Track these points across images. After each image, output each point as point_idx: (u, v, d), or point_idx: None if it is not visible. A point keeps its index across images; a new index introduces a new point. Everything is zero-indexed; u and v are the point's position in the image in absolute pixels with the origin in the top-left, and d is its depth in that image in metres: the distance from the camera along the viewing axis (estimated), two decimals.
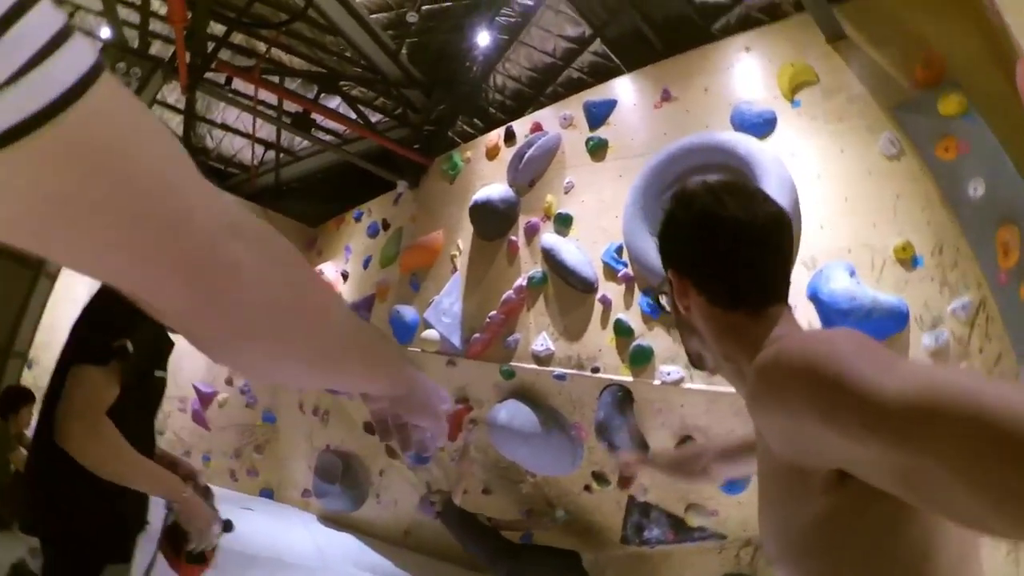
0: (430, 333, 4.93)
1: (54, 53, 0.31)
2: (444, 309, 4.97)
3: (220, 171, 8.25)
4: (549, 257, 4.39)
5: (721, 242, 1.04)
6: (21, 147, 0.31)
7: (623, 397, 3.96)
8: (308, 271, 0.60)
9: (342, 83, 6.26)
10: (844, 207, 3.56)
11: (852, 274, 3.56)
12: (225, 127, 7.84)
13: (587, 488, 4.55)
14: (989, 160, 3.13)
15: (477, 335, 4.68)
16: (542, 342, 4.35)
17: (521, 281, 4.56)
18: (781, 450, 0.86)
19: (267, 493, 8.39)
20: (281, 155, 7.76)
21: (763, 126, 3.88)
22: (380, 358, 0.74)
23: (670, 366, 3.88)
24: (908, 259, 3.37)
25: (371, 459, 6.60)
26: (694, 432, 3.92)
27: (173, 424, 7.70)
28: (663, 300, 1.18)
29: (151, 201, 0.39)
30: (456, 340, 4.84)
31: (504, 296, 4.58)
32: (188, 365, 7.24)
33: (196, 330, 0.49)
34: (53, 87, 0.32)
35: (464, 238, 5.11)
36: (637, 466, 1.88)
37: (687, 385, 3.82)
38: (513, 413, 4.37)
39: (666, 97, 4.32)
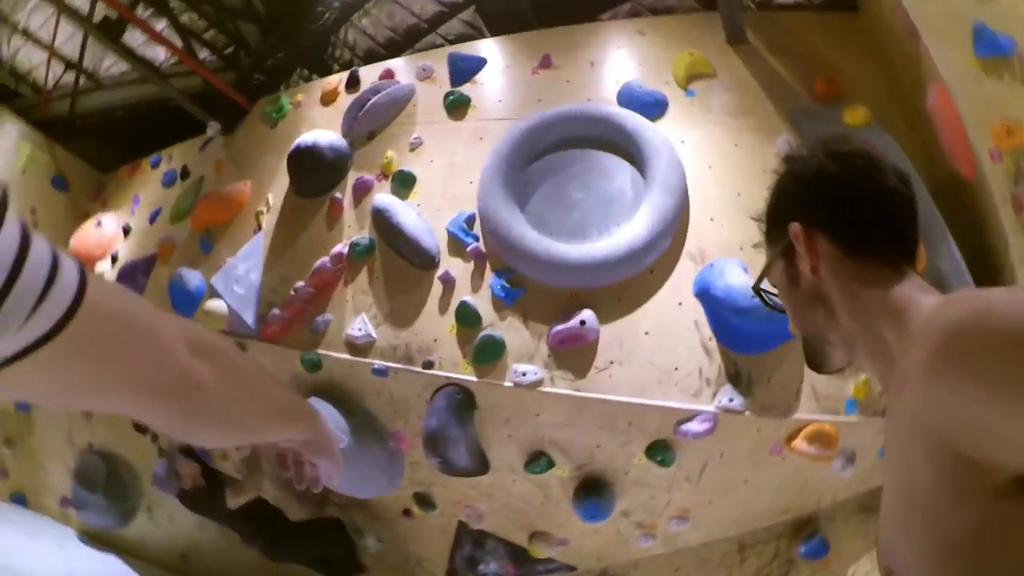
0: (216, 305, 3.61)
1: (51, 288, 0.45)
2: (238, 276, 3.68)
3: (6, 90, 6.34)
4: (381, 220, 3.29)
5: (876, 189, 0.98)
6: (40, 355, 0.46)
7: (462, 401, 2.94)
8: (249, 364, 0.81)
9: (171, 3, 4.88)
10: (737, 202, 3.10)
11: (745, 272, 2.93)
12: (25, 33, 6.00)
13: (407, 513, 3.49)
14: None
15: (276, 311, 3.45)
16: (360, 326, 3.22)
17: (341, 248, 3.40)
18: (958, 436, 0.66)
19: (19, 499, 6.60)
20: (82, 79, 6.11)
21: (653, 107, 3.31)
22: (300, 417, 0.94)
23: (526, 364, 2.93)
24: None
25: (142, 464, 5.20)
26: (551, 448, 2.98)
27: None
28: (767, 285, 1.15)
29: (142, 357, 0.59)
30: (249, 316, 3.57)
31: (316, 264, 3.38)
32: None
33: (167, 429, 0.70)
34: (56, 310, 0.46)
35: (277, 192, 3.85)
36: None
37: (547, 389, 2.90)
38: None
39: (546, 64, 3.56)
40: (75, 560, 5.31)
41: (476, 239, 3.17)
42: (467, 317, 3.03)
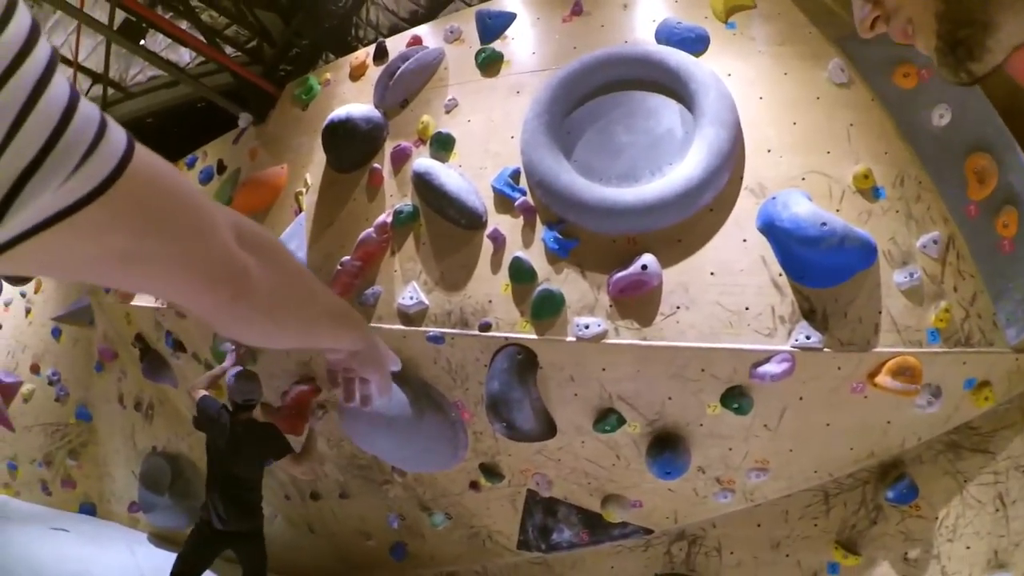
0: None
1: (99, 144, 0.43)
2: None
3: None
4: (423, 184, 3.13)
5: None
6: (83, 215, 0.44)
7: (523, 361, 2.78)
8: (294, 261, 0.75)
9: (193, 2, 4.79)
10: (793, 132, 2.92)
11: (810, 201, 2.72)
12: None
13: (473, 485, 3.35)
14: (955, 87, 2.48)
15: None
16: (411, 294, 3.07)
17: (385, 218, 3.26)
18: None
19: (88, 508, 6.68)
20: (109, 91, 6.09)
21: (695, 43, 3.09)
22: (348, 322, 0.88)
23: (587, 317, 2.75)
24: (869, 189, 2.82)
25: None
26: (619, 404, 2.80)
27: None
28: None
29: (189, 234, 0.54)
30: None
31: (361, 236, 3.24)
32: None
33: (214, 320, 0.65)
34: (104, 168, 0.44)
35: (314, 172, 3.73)
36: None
37: (611, 340, 2.71)
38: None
39: (577, 11, 3.36)
40: (146, 563, 5.30)
41: (523, 193, 2.99)
42: (521, 274, 2.86)
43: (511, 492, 3.29)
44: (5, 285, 6.56)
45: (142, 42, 5.44)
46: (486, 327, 2.87)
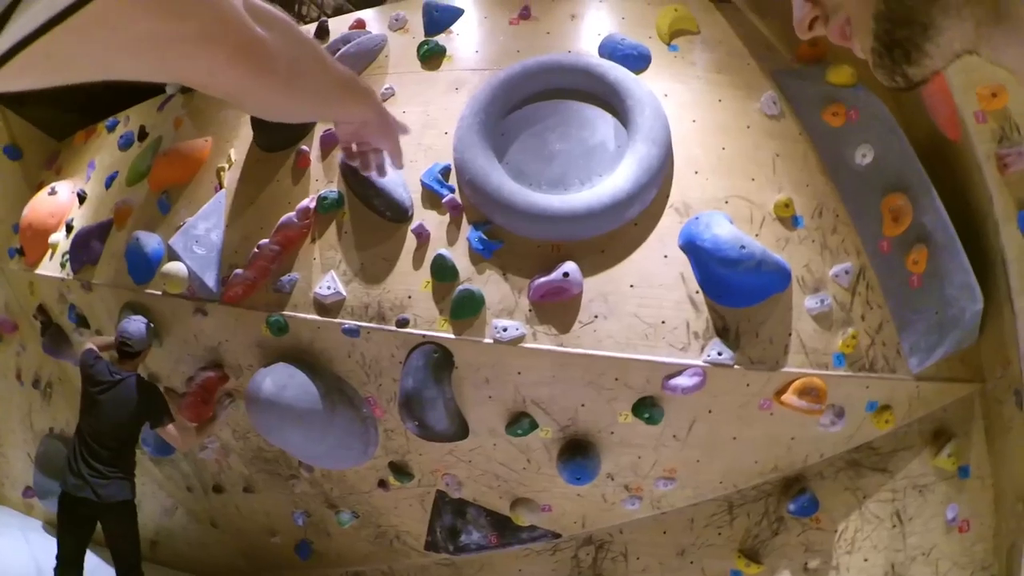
0: (175, 267, 3.28)
1: None
2: (198, 236, 3.35)
3: None
4: (350, 172, 3.01)
5: None
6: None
7: (440, 360, 2.69)
8: (304, 35, 0.77)
9: None
10: (721, 157, 2.96)
11: (731, 224, 2.76)
12: None
13: (382, 484, 3.24)
14: (879, 129, 2.90)
15: (239, 272, 3.15)
16: (329, 284, 2.94)
17: (308, 203, 3.11)
18: None
19: None
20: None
21: (637, 60, 3.09)
22: (357, 92, 0.91)
23: (506, 320, 2.70)
24: (788, 218, 2.90)
25: None
26: (533, 408, 2.75)
27: None
28: None
29: (208, 10, 0.55)
30: (210, 278, 3.25)
31: (282, 220, 3.08)
32: None
33: (238, 95, 0.68)
34: None
35: (239, 148, 3.52)
36: None
37: (529, 344, 2.66)
38: (283, 383, 2.90)
39: (525, 15, 3.30)
40: (40, 552, 4.93)
41: (452, 190, 2.91)
42: (443, 271, 2.77)
43: (421, 492, 3.20)
44: None
45: None
46: (404, 323, 2.77)
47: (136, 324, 3.31)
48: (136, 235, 3.57)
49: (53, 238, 4.51)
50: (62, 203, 4.70)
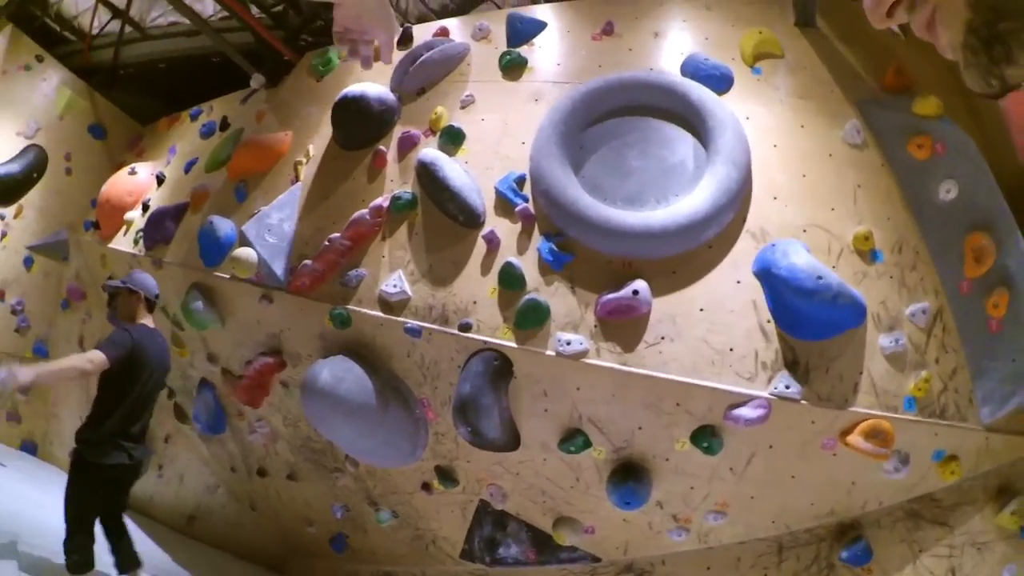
0: (245, 253, 3.29)
1: None
2: (270, 226, 3.36)
3: (53, 32, 6.04)
4: (426, 174, 2.97)
5: None
6: None
7: (500, 368, 2.62)
8: None
9: None
10: (802, 184, 2.83)
11: (809, 253, 2.63)
12: None
13: (425, 487, 3.16)
14: (966, 165, 2.71)
15: (308, 263, 3.13)
16: (396, 283, 2.90)
17: (382, 201, 3.08)
18: None
19: (29, 447, 6.28)
20: (127, 28, 5.80)
21: (719, 81, 3.00)
22: None
23: (570, 333, 2.60)
24: (867, 251, 2.75)
25: (156, 420, 4.81)
26: (589, 426, 2.65)
27: None
28: None
29: None
30: (279, 267, 3.25)
31: (354, 216, 3.06)
32: None
33: None
34: None
35: (317, 144, 3.54)
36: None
37: (591, 360, 2.56)
38: (340, 375, 2.87)
39: (608, 31, 3.25)
40: None
41: (525, 200, 2.85)
42: (511, 279, 2.70)
43: (464, 499, 3.11)
44: None
45: None
46: (467, 327, 2.70)
47: (151, 276, 3.12)
48: (210, 219, 3.61)
49: (129, 215, 4.61)
50: (141, 183, 4.81)
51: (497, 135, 3.04)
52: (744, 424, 2.54)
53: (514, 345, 2.63)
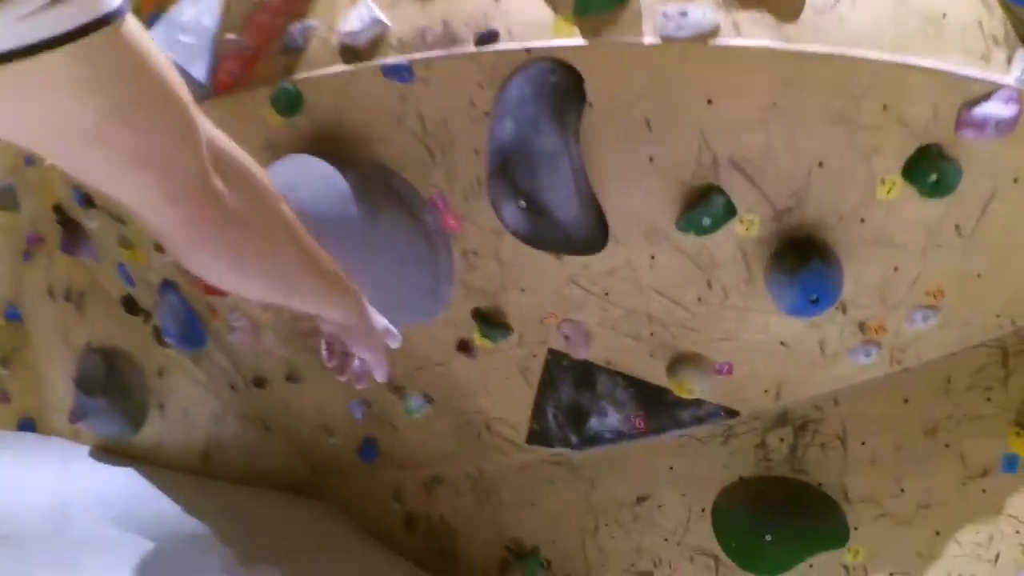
0: None
1: None
2: (185, 24, 2.14)
3: None
4: None
5: None
6: (50, 60, 0.36)
7: (559, 87, 1.38)
8: (279, 204, 0.64)
9: None
10: None
11: None
12: None
13: (463, 347, 2.01)
14: None
15: (231, 36, 1.91)
16: (362, 15, 1.66)
17: None
18: None
19: (28, 424, 5.36)
20: None
21: None
22: (339, 289, 0.78)
23: (683, 1, 1.35)
24: None
25: (144, 354, 3.82)
26: (729, 177, 1.44)
27: None
28: None
29: (162, 131, 0.46)
30: (199, 70, 2.05)
31: None
32: None
33: (177, 242, 0.54)
34: (82, 15, 0.37)
35: None
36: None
37: (726, 41, 1.32)
38: (293, 181, 1.65)
39: None
40: (80, 481, 4.10)
41: None
42: None
43: (522, 355, 1.97)
44: None
45: None
46: (490, 38, 1.47)
47: None
48: None
49: None
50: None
51: None
52: (993, 132, 1.35)
53: (581, 42, 1.40)
